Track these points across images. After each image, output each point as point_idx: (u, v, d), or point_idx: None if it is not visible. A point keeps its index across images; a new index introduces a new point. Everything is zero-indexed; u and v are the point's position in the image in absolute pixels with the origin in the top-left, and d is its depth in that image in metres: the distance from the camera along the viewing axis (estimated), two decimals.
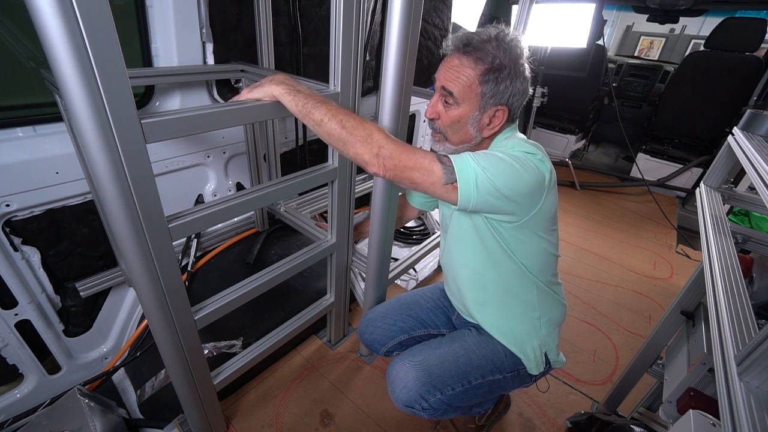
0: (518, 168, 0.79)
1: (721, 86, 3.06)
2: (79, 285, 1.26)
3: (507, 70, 0.84)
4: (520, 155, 0.82)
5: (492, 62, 0.83)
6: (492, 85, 0.84)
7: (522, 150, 0.84)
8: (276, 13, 1.38)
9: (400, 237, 2.33)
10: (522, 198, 0.83)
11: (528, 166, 0.81)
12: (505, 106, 0.87)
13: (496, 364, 1.03)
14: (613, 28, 6.16)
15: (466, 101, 0.87)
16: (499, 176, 0.77)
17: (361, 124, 0.79)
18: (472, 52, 0.84)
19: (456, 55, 0.87)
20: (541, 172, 0.83)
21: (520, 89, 0.87)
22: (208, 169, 1.52)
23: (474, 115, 0.88)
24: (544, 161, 0.85)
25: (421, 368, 0.99)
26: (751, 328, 0.62)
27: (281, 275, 1.16)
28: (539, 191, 0.84)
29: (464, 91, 0.86)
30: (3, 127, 1.04)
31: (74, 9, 0.54)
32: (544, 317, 1.03)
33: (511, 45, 0.85)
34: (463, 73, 0.85)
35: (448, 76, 0.87)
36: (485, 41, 0.85)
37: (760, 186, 0.66)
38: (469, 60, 0.85)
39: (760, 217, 1.87)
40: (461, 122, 0.89)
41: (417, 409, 0.98)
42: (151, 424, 1.28)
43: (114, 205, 0.70)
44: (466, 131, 0.91)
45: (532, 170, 0.81)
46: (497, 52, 0.84)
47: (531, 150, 0.85)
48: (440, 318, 1.23)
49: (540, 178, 0.82)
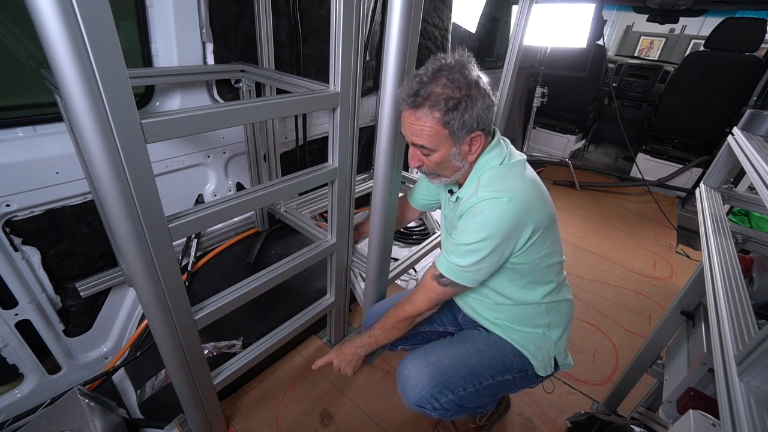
0: (492, 241, 0.86)
1: (721, 86, 3.06)
2: (79, 285, 1.26)
3: (464, 101, 0.83)
4: (484, 210, 0.86)
5: (446, 104, 0.83)
6: (457, 122, 0.84)
7: (490, 196, 0.86)
8: (276, 13, 1.38)
9: (400, 237, 2.33)
10: (507, 249, 0.89)
11: (498, 222, 0.85)
12: (477, 130, 0.88)
13: (506, 365, 1.03)
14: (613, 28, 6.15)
15: (439, 146, 0.89)
16: (484, 260, 0.89)
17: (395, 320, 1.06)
18: (423, 102, 0.84)
19: (409, 110, 0.87)
20: (510, 216, 0.85)
21: (483, 106, 0.86)
22: (208, 169, 1.52)
23: (453, 152, 0.90)
24: (512, 200, 0.85)
25: (434, 368, 0.99)
26: (751, 328, 0.62)
27: (281, 275, 1.16)
28: (519, 231, 0.87)
29: (433, 140, 0.87)
30: (3, 127, 1.04)
31: (74, 9, 0.54)
32: (553, 323, 1.04)
33: (461, 72, 0.84)
34: (424, 126, 0.86)
35: (413, 132, 0.88)
36: (432, 83, 0.83)
37: (760, 186, 0.66)
38: (423, 111, 0.85)
39: (760, 217, 1.87)
40: (444, 162, 0.92)
41: (428, 409, 0.98)
42: (151, 424, 1.28)
43: (114, 205, 0.70)
44: (452, 166, 0.93)
45: (502, 225, 0.85)
46: (448, 91, 0.83)
47: (497, 194, 0.86)
48: (446, 315, 1.24)
49: (510, 224, 0.86)
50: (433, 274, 0.98)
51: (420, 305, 1.02)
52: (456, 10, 2.31)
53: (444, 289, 0.97)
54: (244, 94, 1.41)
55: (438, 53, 0.90)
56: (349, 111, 1.09)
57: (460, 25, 2.70)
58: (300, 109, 1.04)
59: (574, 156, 4.10)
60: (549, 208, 0.93)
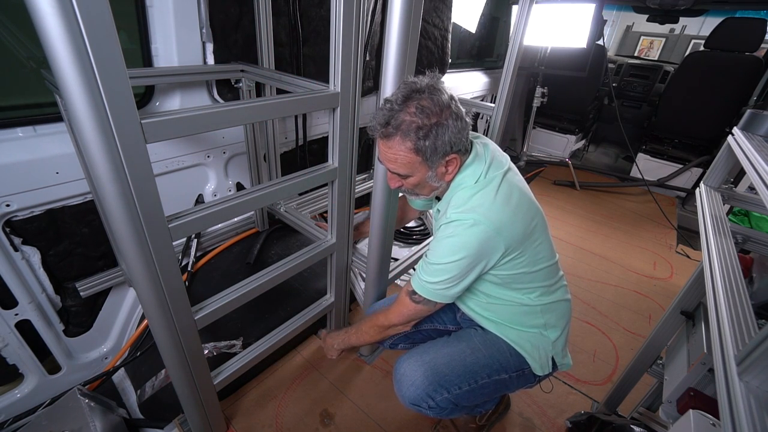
0: (460, 263, 0.88)
1: (721, 86, 3.06)
2: (79, 285, 1.26)
3: (435, 128, 0.83)
4: (452, 233, 0.88)
5: (417, 133, 0.83)
6: (429, 149, 0.85)
7: (456, 218, 0.88)
8: (276, 13, 1.38)
9: (400, 237, 2.33)
10: (478, 268, 0.90)
11: (464, 245, 0.87)
12: (452, 153, 0.88)
13: (502, 364, 1.03)
14: (613, 28, 6.16)
15: (414, 171, 0.90)
16: (453, 279, 0.91)
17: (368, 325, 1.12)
18: (394, 133, 0.84)
19: (381, 141, 0.88)
20: (476, 239, 0.86)
21: (455, 130, 0.85)
22: (208, 169, 1.52)
23: (429, 175, 0.91)
24: (477, 223, 0.86)
25: (429, 367, 0.99)
26: (751, 328, 0.62)
27: (281, 275, 1.16)
28: (488, 252, 0.88)
29: (407, 167, 0.88)
30: (3, 127, 1.04)
31: (74, 9, 0.54)
32: (550, 323, 1.04)
33: (431, 98, 0.83)
34: (397, 155, 0.86)
35: (387, 159, 0.89)
36: (402, 111, 0.83)
37: (760, 186, 0.66)
38: (394, 141, 0.85)
39: (760, 217, 1.87)
40: (421, 183, 0.93)
41: (423, 407, 0.99)
42: (151, 424, 1.28)
43: (114, 205, 0.70)
44: (429, 186, 0.95)
45: (469, 248, 0.87)
46: (418, 119, 0.83)
47: (463, 217, 0.87)
48: (447, 313, 1.24)
49: (477, 247, 0.87)
50: (408, 290, 1.00)
51: (392, 318, 1.05)
52: (456, 10, 2.31)
53: (416, 306, 0.98)
54: (244, 94, 1.41)
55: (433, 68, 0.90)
56: (349, 111, 1.09)
57: (460, 25, 2.70)
58: (300, 109, 1.04)
59: (574, 156, 4.10)
60: (526, 223, 0.91)
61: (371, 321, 1.11)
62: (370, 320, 1.12)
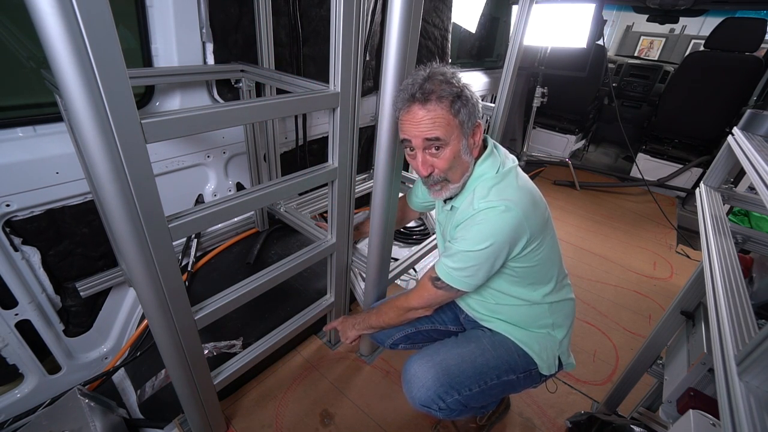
0: (490, 249, 0.89)
1: (721, 86, 3.06)
2: (79, 285, 1.26)
3: (464, 92, 0.89)
4: (483, 220, 0.89)
5: (451, 92, 0.87)
6: (464, 111, 0.89)
7: (487, 206, 0.89)
8: (276, 13, 1.38)
9: (400, 237, 2.33)
10: (504, 255, 0.91)
11: (496, 231, 0.88)
12: (478, 120, 0.92)
13: (510, 364, 1.03)
14: (613, 28, 6.16)
15: (452, 137, 0.90)
16: (480, 266, 0.92)
17: (389, 305, 1.13)
18: (430, 96, 0.87)
19: (416, 105, 0.89)
20: (508, 225, 0.87)
21: (474, 99, 0.91)
22: (208, 169, 1.52)
23: (464, 143, 0.92)
24: (509, 209, 0.87)
25: (441, 368, 0.99)
26: (751, 328, 0.62)
27: (281, 275, 1.16)
28: (516, 238, 0.89)
29: (447, 130, 0.89)
30: (3, 127, 1.04)
31: (74, 9, 0.54)
32: (557, 323, 1.05)
33: (452, 73, 0.90)
34: (437, 117, 0.88)
35: (425, 127, 0.89)
36: (428, 83, 0.87)
37: (760, 186, 0.66)
38: (432, 104, 0.87)
39: (760, 217, 1.87)
40: (456, 156, 0.93)
41: (434, 409, 0.99)
42: (151, 424, 1.28)
43: (114, 205, 0.70)
44: (462, 162, 0.94)
45: (500, 233, 0.88)
46: (446, 86, 0.87)
47: (494, 204, 0.88)
48: (447, 314, 1.24)
49: (508, 233, 0.88)
50: (431, 276, 1.01)
51: (413, 302, 1.06)
52: (456, 10, 2.31)
53: (437, 291, 1.00)
54: (244, 94, 1.41)
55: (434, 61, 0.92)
56: (349, 111, 1.09)
57: (460, 25, 2.70)
58: (300, 109, 1.04)
59: (574, 156, 4.10)
60: (542, 213, 0.95)
61: (392, 303, 1.13)
62: (391, 302, 1.13)
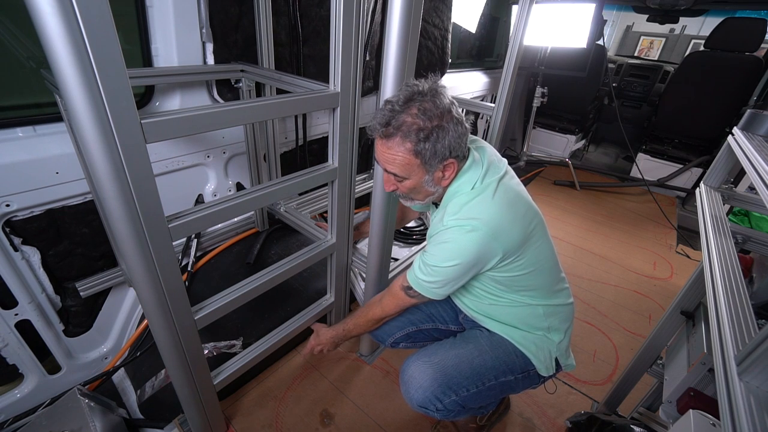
0: (456, 268, 0.90)
1: (721, 86, 3.06)
2: (79, 285, 1.26)
3: (435, 132, 0.83)
4: (450, 239, 0.88)
5: (418, 135, 0.82)
6: (429, 152, 0.84)
7: (454, 224, 0.89)
8: (276, 13, 1.38)
9: (400, 237, 2.33)
10: (474, 271, 0.92)
11: (462, 251, 0.88)
12: (450, 158, 0.87)
13: (508, 365, 1.03)
14: (613, 28, 6.16)
15: (411, 174, 0.89)
16: (449, 281, 0.93)
17: (365, 319, 1.15)
18: (395, 132, 0.84)
19: (381, 140, 0.87)
20: (474, 245, 0.87)
21: (455, 135, 0.85)
22: (208, 169, 1.52)
23: (426, 179, 0.90)
24: (475, 229, 0.86)
25: (438, 369, 0.99)
26: (751, 328, 0.62)
27: (281, 275, 1.16)
28: (485, 257, 0.89)
29: (405, 169, 0.88)
30: (3, 127, 1.04)
31: (74, 9, 0.54)
32: (553, 327, 1.05)
33: (433, 101, 0.83)
34: (396, 155, 0.86)
35: (385, 160, 0.88)
36: (404, 112, 0.83)
37: (760, 186, 0.66)
38: (394, 141, 0.84)
39: (760, 217, 1.87)
40: (417, 187, 0.92)
41: (431, 410, 0.99)
42: (151, 424, 1.28)
43: (114, 205, 0.70)
44: (425, 191, 0.94)
45: (466, 254, 0.88)
46: (419, 120, 0.82)
47: (461, 223, 0.88)
48: (448, 313, 1.24)
49: (474, 253, 0.87)
50: (402, 285, 1.02)
51: (389, 311, 1.10)
52: (456, 10, 2.31)
53: (411, 299, 1.03)
54: (244, 94, 1.41)
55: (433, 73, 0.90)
56: (349, 111, 1.09)
57: (460, 25, 2.70)
58: (300, 109, 1.04)
59: (574, 156, 4.10)
60: (524, 227, 0.91)
61: (367, 314, 1.14)
62: (366, 313, 1.15)
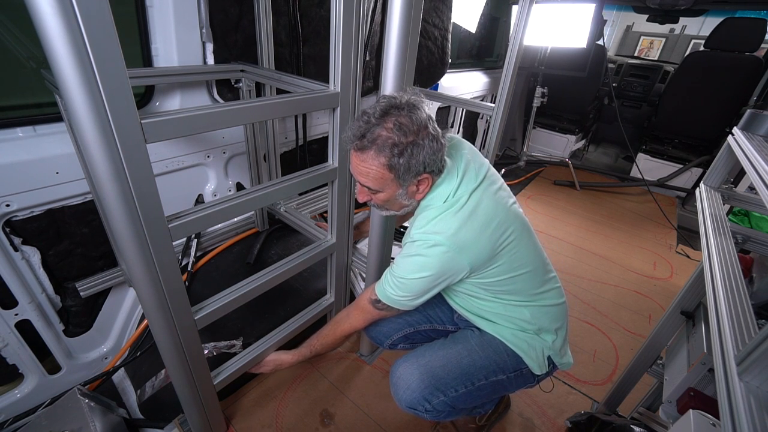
0: (423, 281, 0.91)
1: (721, 86, 3.06)
2: (79, 285, 1.26)
3: (410, 148, 0.82)
4: (415, 252, 0.90)
5: (392, 150, 0.81)
6: (402, 167, 0.83)
7: (419, 238, 0.90)
8: (276, 13, 1.38)
9: (400, 237, 2.32)
10: (442, 284, 0.93)
11: (426, 265, 0.89)
12: (425, 173, 0.87)
13: (499, 364, 1.03)
14: (613, 28, 6.16)
15: (384, 188, 0.89)
16: (416, 294, 0.95)
17: (334, 337, 1.15)
18: (369, 146, 0.82)
19: (355, 153, 0.86)
20: (438, 260, 0.88)
21: (431, 151, 0.84)
22: (208, 169, 1.52)
23: (399, 192, 0.90)
24: (438, 244, 0.87)
25: (425, 370, 0.99)
26: (751, 328, 0.62)
27: (281, 275, 1.16)
28: (450, 271, 0.90)
29: (378, 183, 0.87)
30: (3, 127, 1.04)
31: (74, 9, 0.54)
32: (543, 327, 1.04)
33: (410, 116, 0.82)
34: (370, 169, 0.85)
35: (359, 172, 0.88)
36: (379, 126, 0.82)
37: (760, 186, 0.66)
38: (368, 155, 0.83)
39: (760, 217, 1.87)
40: (391, 200, 0.92)
41: (420, 410, 0.98)
42: (151, 424, 1.28)
43: (114, 205, 0.70)
44: (399, 203, 0.94)
45: (430, 268, 0.89)
46: (394, 135, 0.81)
47: (425, 237, 0.89)
48: (446, 314, 1.24)
49: (439, 267, 0.89)
50: (370, 298, 1.03)
51: (357, 325, 1.11)
52: (456, 10, 2.31)
53: (380, 312, 1.04)
54: (244, 94, 1.41)
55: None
56: (349, 111, 1.09)
57: (460, 25, 2.70)
58: (300, 109, 1.04)
59: (574, 156, 4.10)
60: (494, 239, 0.89)
61: (335, 331, 1.15)
62: (334, 331, 1.15)
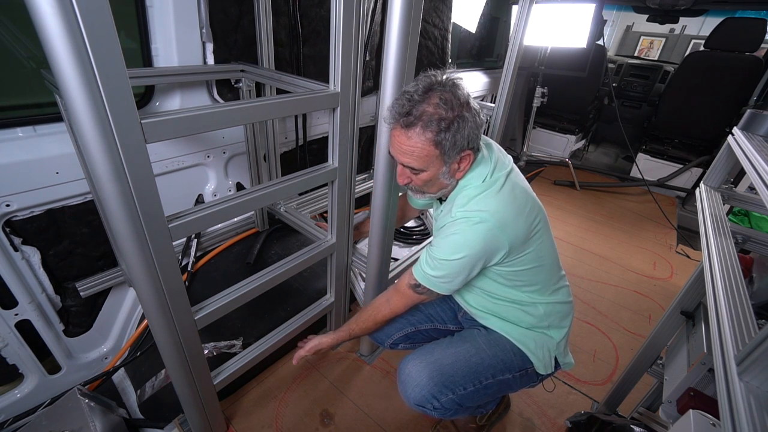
0: (464, 260, 0.89)
1: (721, 86, 3.06)
2: (79, 285, 1.26)
3: (456, 122, 0.82)
4: (458, 231, 0.89)
5: (439, 125, 0.81)
6: (449, 142, 0.83)
7: (462, 216, 0.89)
8: (276, 13, 1.38)
9: (400, 237, 2.33)
10: (480, 264, 0.91)
11: (470, 242, 0.88)
12: (467, 149, 0.87)
13: (506, 363, 1.03)
14: (613, 28, 6.16)
15: (429, 166, 0.88)
16: (456, 274, 0.93)
17: (374, 321, 1.12)
18: (415, 122, 0.82)
19: (400, 130, 0.85)
20: (482, 237, 0.87)
21: (474, 126, 0.84)
22: (208, 169, 1.52)
23: (443, 171, 0.89)
24: (483, 221, 0.86)
25: (434, 368, 0.99)
26: (751, 328, 0.62)
27: (281, 275, 1.16)
28: (492, 249, 0.89)
29: (424, 161, 0.86)
30: (3, 127, 1.04)
31: (74, 9, 0.54)
32: (553, 325, 1.05)
33: (453, 92, 0.82)
34: (416, 147, 0.84)
35: (403, 151, 0.86)
36: (424, 102, 0.81)
37: (760, 186, 0.66)
38: (415, 131, 0.82)
39: (760, 217, 1.87)
40: (432, 180, 0.91)
41: (428, 408, 0.99)
42: (151, 424, 1.28)
43: (114, 205, 0.70)
44: (440, 183, 0.93)
45: (474, 245, 0.87)
46: (440, 111, 0.81)
47: (469, 215, 0.88)
48: (447, 313, 1.24)
49: (482, 244, 0.87)
50: (410, 283, 1.01)
51: (397, 309, 1.08)
52: (456, 10, 2.31)
53: (420, 296, 1.02)
54: (244, 94, 1.41)
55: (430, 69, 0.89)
56: (349, 111, 1.09)
57: (460, 25, 2.70)
58: (300, 109, 1.04)
59: (574, 156, 4.10)
60: (529, 222, 0.92)
61: (376, 316, 1.11)
62: (374, 315, 1.12)
